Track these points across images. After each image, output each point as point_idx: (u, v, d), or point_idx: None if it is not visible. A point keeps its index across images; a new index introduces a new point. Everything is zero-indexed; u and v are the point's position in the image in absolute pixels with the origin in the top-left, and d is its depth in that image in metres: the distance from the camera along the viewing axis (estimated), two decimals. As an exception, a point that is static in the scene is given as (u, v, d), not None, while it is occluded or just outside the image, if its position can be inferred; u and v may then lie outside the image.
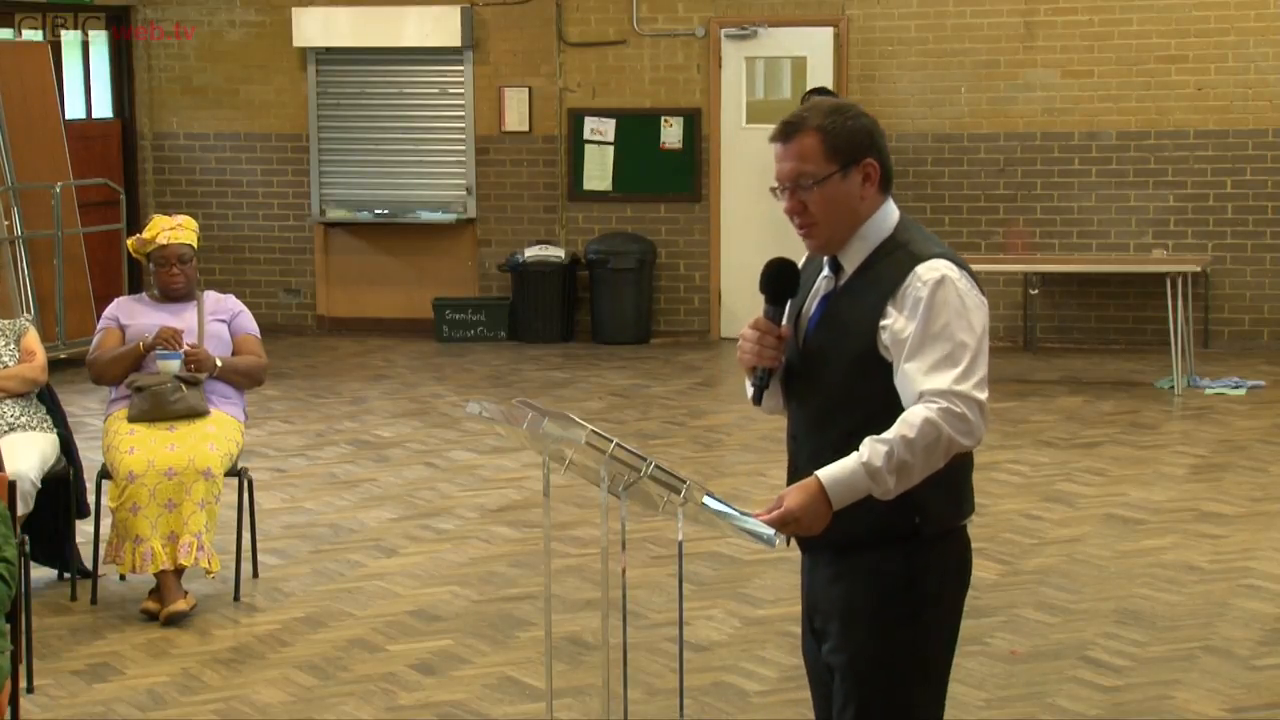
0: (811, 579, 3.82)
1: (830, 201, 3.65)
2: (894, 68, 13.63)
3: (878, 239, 3.69)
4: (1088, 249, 13.35)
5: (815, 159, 3.64)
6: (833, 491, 3.51)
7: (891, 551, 3.66)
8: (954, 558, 3.76)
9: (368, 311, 14.78)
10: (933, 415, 3.50)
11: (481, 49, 14.38)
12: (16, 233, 12.64)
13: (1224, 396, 11.33)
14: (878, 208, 3.70)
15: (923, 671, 3.75)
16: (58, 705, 6.00)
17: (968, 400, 3.53)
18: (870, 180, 3.67)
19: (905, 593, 3.67)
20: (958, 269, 3.63)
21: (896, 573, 3.66)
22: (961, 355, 3.55)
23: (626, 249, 13.90)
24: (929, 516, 3.65)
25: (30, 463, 6.82)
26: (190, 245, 7.31)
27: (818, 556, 3.77)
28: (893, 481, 3.50)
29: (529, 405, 3.91)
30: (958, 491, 3.72)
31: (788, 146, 3.67)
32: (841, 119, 3.66)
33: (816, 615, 3.81)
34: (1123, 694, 5.95)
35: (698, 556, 7.61)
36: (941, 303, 3.56)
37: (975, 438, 3.56)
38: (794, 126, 3.67)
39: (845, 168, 3.64)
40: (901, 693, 3.73)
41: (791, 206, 3.68)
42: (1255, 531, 8.04)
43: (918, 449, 3.49)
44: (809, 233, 3.70)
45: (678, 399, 11.62)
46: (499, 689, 6.10)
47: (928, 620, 3.72)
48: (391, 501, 8.85)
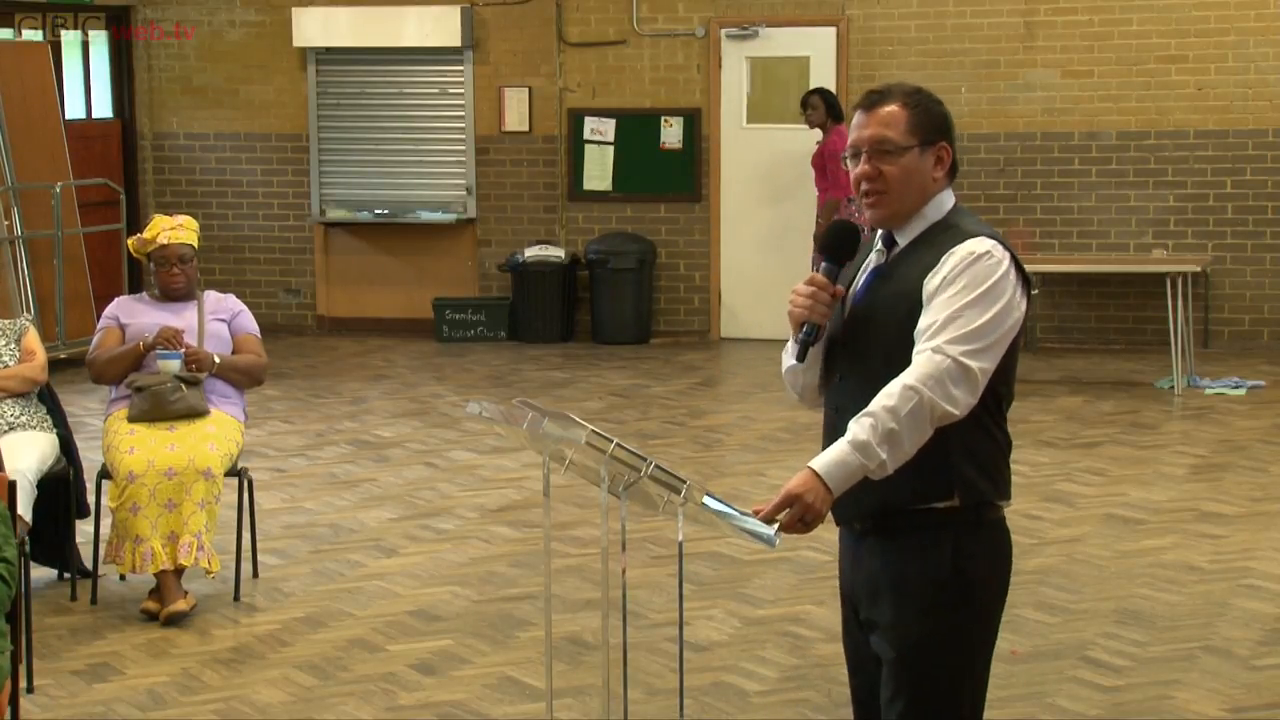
0: (855, 566, 3.82)
1: (905, 173, 3.70)
2: (894, 68, 13.62)
3: (935, 219, 3.74)
4: (1088, 249, 13.35)
5: (899, 129, 3.70)
6: (827, 475, 3.51)
7: (940, 536, 3.67)
8: (1000, 545, 3.77)
9: (368, 311, 14.79)
10: (910, 380, 3.52)
11: (481, 49, 14.38)
12: (16, 233, 12.64)
13: (1224, 396, 11.33)
14: (941, 190, 3.76)
15: (971, 660, 3.76)
16: (58, 705, 6.00)
17: (952, 362, 3.54)
18: (942, 164, 3.74)
19: (955, 579, 3.68)
20: (1004, 248, 3.67)
21: (945, 559, 3.67)
22: (970, 320, 3.57)
23: (626, 249, 13.90)
24: (968, 488, 3.66)
25: (29, 463, 6.81)
26: (191, 245, 7.31)
27: (862, 541, 3.76)
28: (885, 452, 3.50)
29: (529, 405, 3.91)
30: (992, 469, 3.72)
31: (872, 114, 3.73)
32: (925, 99, 3.76)
33: (862, 604, 3.81)
34: (1123, 694, 5.95)
35: (698, 556, 7.60)
36: (975, 271, 3.60)
37: (959, 405, 3.55)
38: (882, 96, 3.76)
39: (924, 145, 3.71)
40: (953, 681, 3.73)
41: (866, 171, 3.72)
42: (1255, 531, 8.04)
43: (901, 415, 3.50)
44: (877, 201, 3.73)
45: (678, 399, 11.62)
46: (499, 689, 6.10)
47: (977, 608, 3.73)
48: (391, 501, 8.85)
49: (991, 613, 3.78)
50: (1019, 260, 3.70)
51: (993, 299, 3.60)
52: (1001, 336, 3.61)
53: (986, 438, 3.69)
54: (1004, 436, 3.76)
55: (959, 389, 3.55)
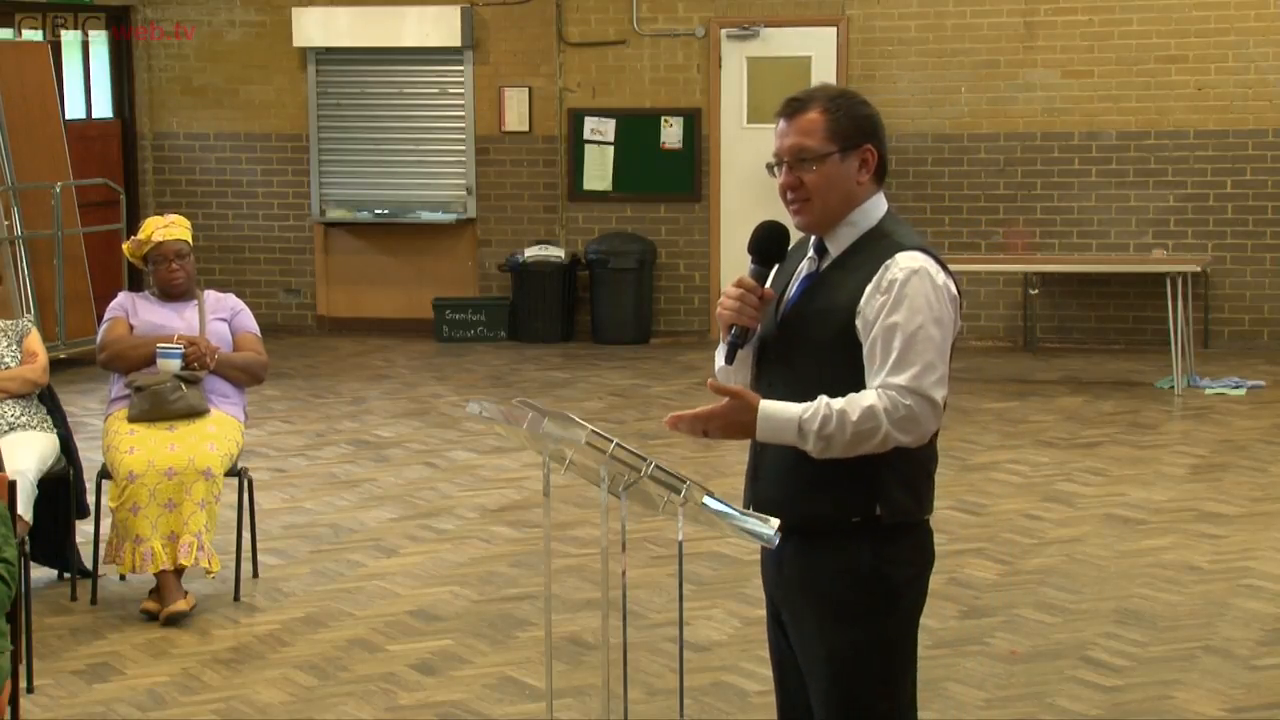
0: (777, 569, 3.84)
1: (826, 181, 3.67)
2: (894, 68, 13.63)
3: (865, 227, 3.72)
4: (1088, 249, 13.35)
5: (817, 137, 3.67)
6: (763, 419, 3.58)
7: (860, 544, 3.68)
8: (920, 549, 3.79)
9: (368, 311, 14.79)
10: (879, 407, 3.55)
11: (481, 49, 14.38)
12: (16, 233, 12.64)
13: (1224, 396, 11.34)
14: (870, 196, 3.73)
15: (900, 660, 3.78)
16: (58, 705, 6.00)
17: (921, 399, 3.57)
18: (867, 167, 3.71)
19: (877, 584, 3.70)
20: (936, 264, 3.67)
21: (866, 565, 3.69)
22: (924, 351, 3.58)
23: (626, 249, 13.91)
24: (890, 505, 3.68)
25: (29, 463, 6.81)
26: (185, 240, 7.31)
27: (783, 547, 3.76)
28: (815, 447, 3.56)
29: (529, 405, 3.91)
30: (916, 489, 3.74)
31: (791, 122, 3.70)
32: (847, 102, 3.71)
33: (785, 609, 3.84)
34: (1123, 694, 5.95)
35: (698, 556, 7.61)
36: (915, 292, 3.60)
37: (920, 435, 3.60)
38: (800, 104, 3.71)
39: (845, 150, 3.68)
40: (881, 683, 3.75)
41: (788, 181, 3.71)
42: (1255, 531, 8.04)
43: (849, 431, 3.55)
44: (800, 209, 3.72)
45: (678, 399, 11.62)
46: (499, 689, 6.10)
47: (901, 611, 3.75)
48: (391, 501, 8.85)
49: (913, 614, 3.80)
50: (946, 265, 3.70)
51: (937, 322, 3.61)
52: (949, 349, 3.65)
53: (912, 456, 3.68)
54: (930, 453, 3.76)
55: (924, 422, 3.59)
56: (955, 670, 6.14)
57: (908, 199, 13.33)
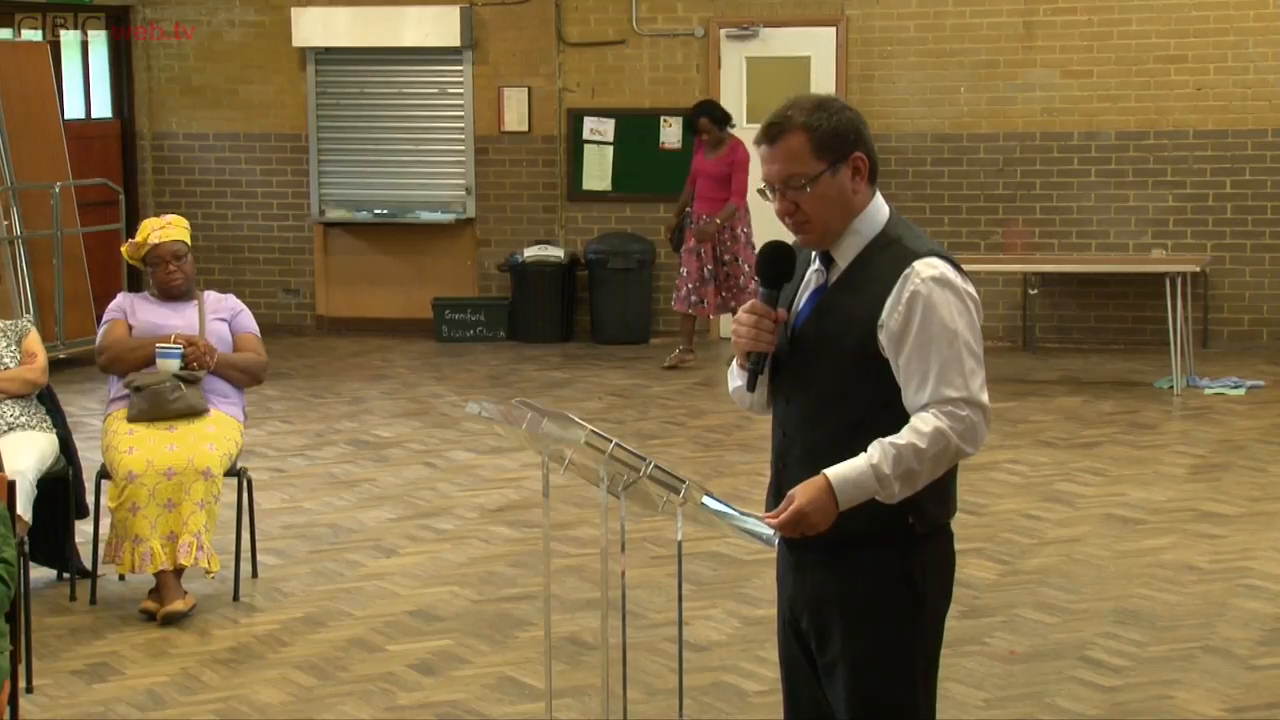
0: (798, 579, 3.80)
1: (823, 199, 3.62)
2: (894, 68, 13.63)
3: (871, 234, 3.67)
4: (1087, 249, 13.35)
5: (804, 159, 3.60)
6: (840, 491, 3.51)
7: (888, 550, 3.66)
8: (944, 554, 3.77)
9: (367, 311, 14.78)
10: (943, 425, 3.51)
11: (481, 49, 14.38)
12: (16, 233, 12.64)
13: (1223, 396, 11.34)
14: (869, 201, 3.68)
15: (924, 667, 3.76)
16: (57, 705, 6.00)
17: (976, 407, 3.55)
18: (860, 173, 3.65)
19: (906, 590, 3.68)
20: (952, 267, 3.63)
21: (895, 571, 3.67)
22: (965, 359, 3.56)
23: (626, 249, 13.91)
24: (922, 515, 3.66)
25: (29, 463, 6.81)
26: (183, 241, 7.31)
27: (805, 556, 3.75)
28: (898, 487, 3.51)
29: (528, 405, 3.91)
30: (946, 491, 3.73)
31: (774, 148, 3.62)
32: (826, 115, 3.62)
33: (805, 616, 3.80)
34: (1122, 694, 5.95)
35: (697, 556, 7.60)
36: (941, 302, 3.56)
37: (980, 443, 3.59)
38: (779, 127, 3.62)
39: (835, 164, 3.61)
40: (905, 690, 3.73)
41: (784, 208, 3.65)
42: (1255, 531, 8.04)
43: (926, 459, 3.51)
44: (802, 229, 3.68)
45: (677, 399, 11.62)
46: (498, 689, 6.09)
47: (926, 617, 3.73)
48: (391, 501, 8.85)
49: (940, 616, 3.79)
50: (964, 270, 3.67)
51: (969, 321, 3.59)
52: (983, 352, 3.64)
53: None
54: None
55: (982, 429, 3.57)
56: (955, 670, 6.14)
57: (907, 199, 13.33)
